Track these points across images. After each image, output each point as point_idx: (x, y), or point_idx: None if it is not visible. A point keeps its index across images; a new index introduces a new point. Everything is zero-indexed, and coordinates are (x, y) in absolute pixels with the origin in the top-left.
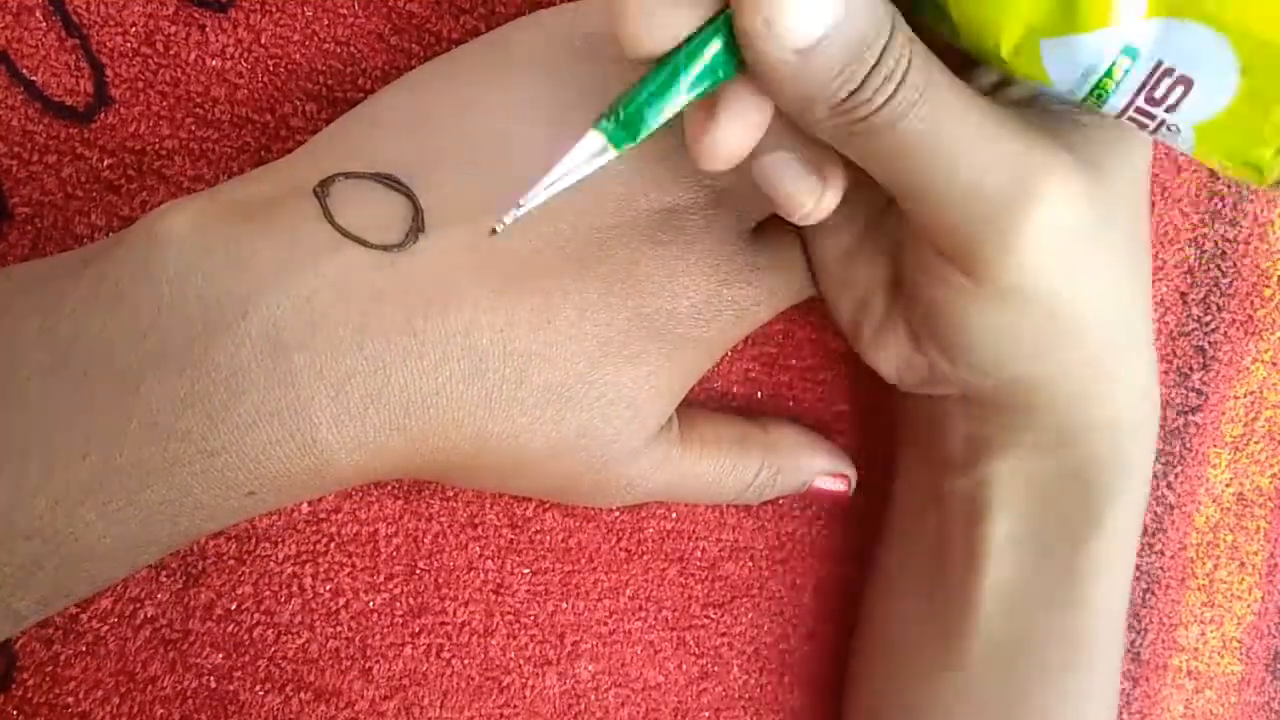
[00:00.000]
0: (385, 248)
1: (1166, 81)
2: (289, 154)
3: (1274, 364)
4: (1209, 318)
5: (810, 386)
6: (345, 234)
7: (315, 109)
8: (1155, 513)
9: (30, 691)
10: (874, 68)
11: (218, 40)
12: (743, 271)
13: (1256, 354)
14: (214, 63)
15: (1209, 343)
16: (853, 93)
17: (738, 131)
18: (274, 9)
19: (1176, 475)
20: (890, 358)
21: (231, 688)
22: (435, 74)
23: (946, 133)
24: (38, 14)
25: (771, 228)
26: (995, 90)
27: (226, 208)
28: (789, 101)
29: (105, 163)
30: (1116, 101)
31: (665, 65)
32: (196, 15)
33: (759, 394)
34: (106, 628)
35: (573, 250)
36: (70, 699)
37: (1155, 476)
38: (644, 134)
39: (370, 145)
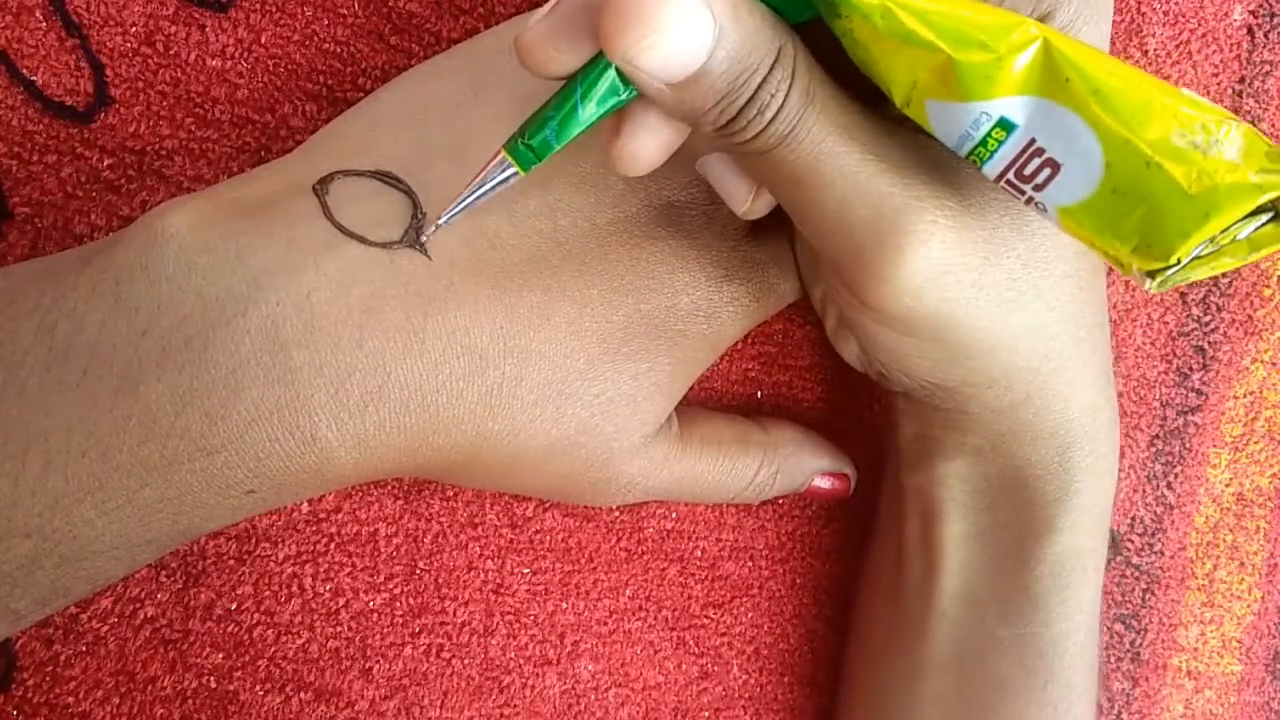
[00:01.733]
0: (385, 245)
1: (1036, 161)
2: (288, 153)
3: (1274, 364)
4: (1208, 318)
5: (810, 386)
6: (345, 231)
7: (315, 109)
8: (1155, 513)
9: (30, 691)
10: (749, 100)
11: (218, 40)
12: (742, 268)
13: (1256, 354)
14: (214, 63)
15: (1209, 343)
16: (729, 120)
17: (645, 142)
18: (274, 9)
19: (1176, 475)
20: (849, 351)
21: (231, 688)
22: (433, 72)
23: (824, 165)
24: (38, 14)
25: (771, 226)
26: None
27: (226, 206)
28: (680, 118)
29: (105, 163)
30: (990, 169)
31: (566, 91)
32: (196, 15)
33: (759, 394)
34: (106, 628)
35: (572, 247)
36: (70, 699)
37: (1155, 477)
38: (549, 154)
39: (369, 143)
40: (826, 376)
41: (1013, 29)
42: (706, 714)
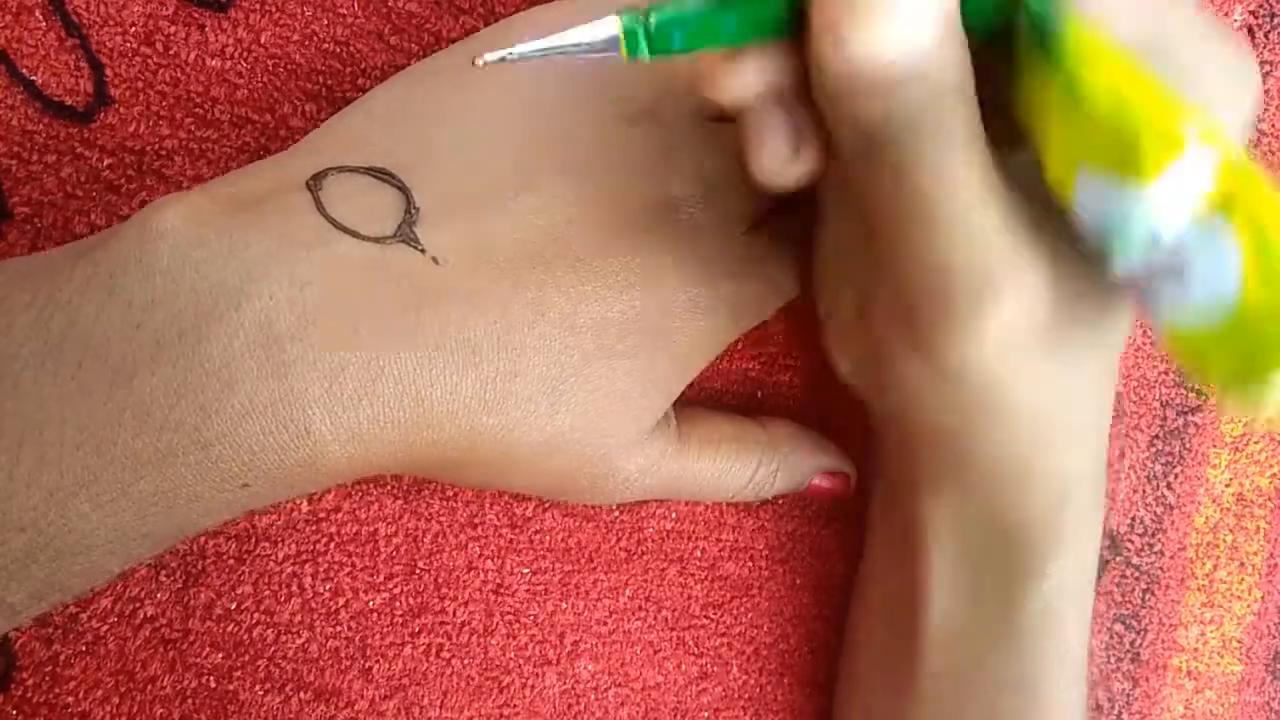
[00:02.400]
0: (378, 240)
1: (1172, 271)
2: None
3: None
4: None
5: (810, 386)
6: (338, 226)
7: (315, 109)
8: (1155, 513)
9: (30, 691)
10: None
11: (217, 40)
12: (740, 266)
13: None
14: (214, 63)
15: None
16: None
17: (752, 80)
18: (274, 9)
19: (1176, 475)
20: (844, 362)
21: (231, 687)
22: (430, 70)
23: (947, 202)
24: (38, 14)
25: (771, 223)
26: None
27: (220, 201)
28: (823, 95)
29: (105, 162)
30: (1118, 264)
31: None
32: (196, 15)
33: (758, 394)
34: (106, 627)
35: (568, 243)
36: (70, 699)
37: (1155, 477)
38: (662, 51)
39: (364, 140)
40: (827, 377)
41: (1213, 135)
42: (706, 714)
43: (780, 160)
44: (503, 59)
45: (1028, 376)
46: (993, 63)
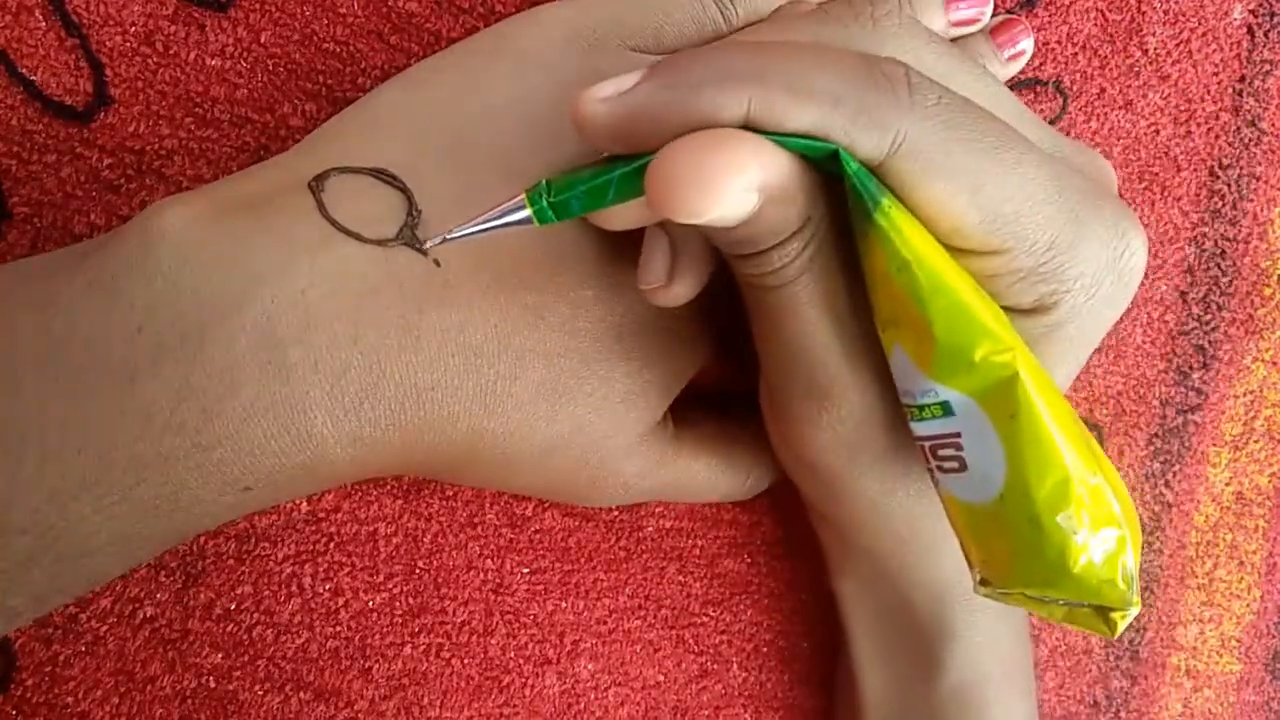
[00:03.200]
0: (380, 242)
1: (952, 451)
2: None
3: (1274, 363)
4: (1209, 316)
5: None
6: (340, 228)
7: (315, 109)
8: (1154, 511)
9: (30, 691)
10: (762, 253)
11: (217, 40)
12: None
13: (1257, 353)
14: (214, 62)
15: (1209, 342)
16: (739, 255)
17: (628, 219)
18: (274, 9)
19: (1175, 474)
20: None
21: (231, 688)
22: (431, 71)
23: (795, 319)
24: (37, 14)
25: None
26: None
27: (221, 203)
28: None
29: (105, 162)
30: (915, 429)
31: (603, 171)
32: (196, 15)
33: (756, 392)
34: (106, 627)
35: (568, 246)
36: (70, 699)
37: (1154, 475)
38: (565, 218)
39: (366, 141)
40: None
41: (998, 347)
42: (706, 712)
43: (653, 282)
44: (444, 240)
45: (871, 475)
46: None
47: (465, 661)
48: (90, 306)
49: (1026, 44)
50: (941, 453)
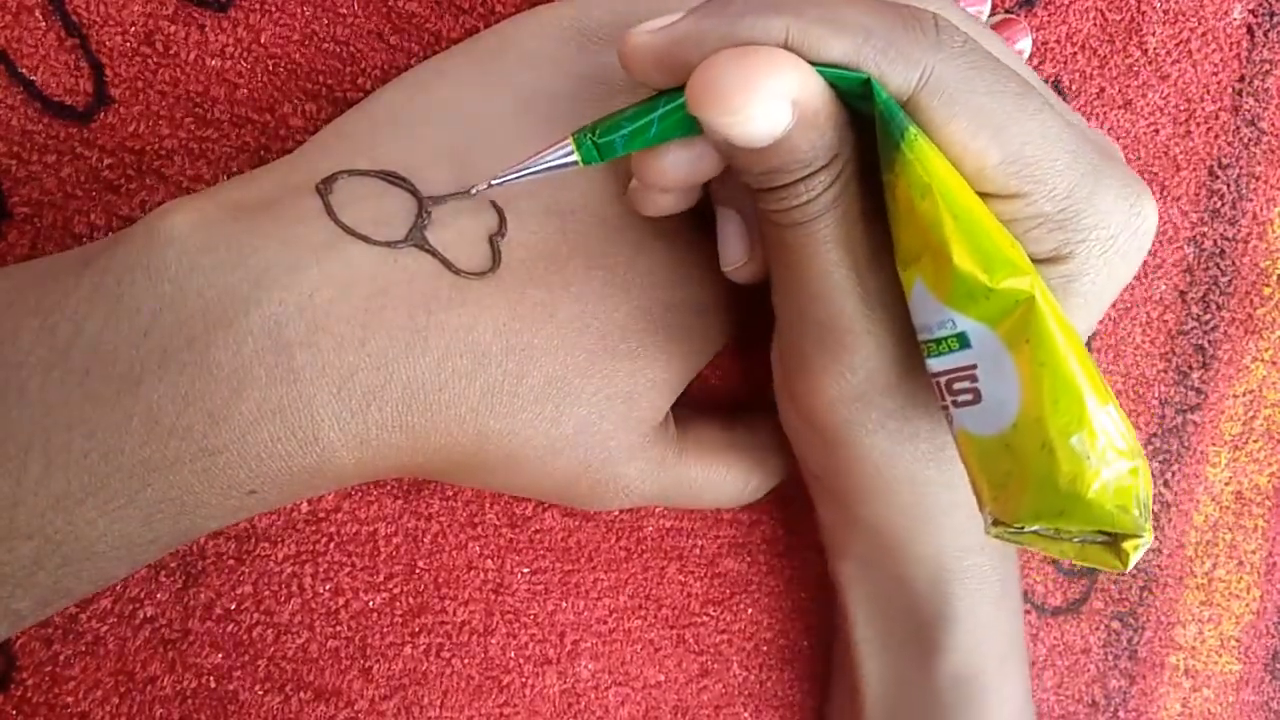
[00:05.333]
0: (388, 244)
1: (966, 384)
2: (289, 153)
3: (1273, 363)
4: (1208, 316)
5: None
6: (348, 231)
7: (315, 109)
8: (1153, 511)
9: (30, 691)
10: (788, 184)
11: (217, 40)
12: None
13: (1256, 353)
14: (214, 63)
15: (1208, 341)
16: (767, 188)
17: (681, 167)
18: (274, 9)
19: (1175, 474)
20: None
21: (231, 687)
22: (435, 72)
23: (815, 263)
24: (37, 14)
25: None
26: None
27: (227, 206)
28: (726, 159)
29: (105, 162)
30: (932, 365)
31: (646, 106)
32: (196, 15)
33: (756, 392)
34: (106, 628)
35: (575, 245)
36: (70, 699)
37: (1154, 475)
38: (611, 157)
39: (371, 143)
40: None
41: (1015, 273)
42: (707, 711)
43: (740, 258)
44: (490, 185)
45: (873, 440)
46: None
47: (465, 661)
48: (95, 310)
49: (1025, 43)
50: (957, 385)
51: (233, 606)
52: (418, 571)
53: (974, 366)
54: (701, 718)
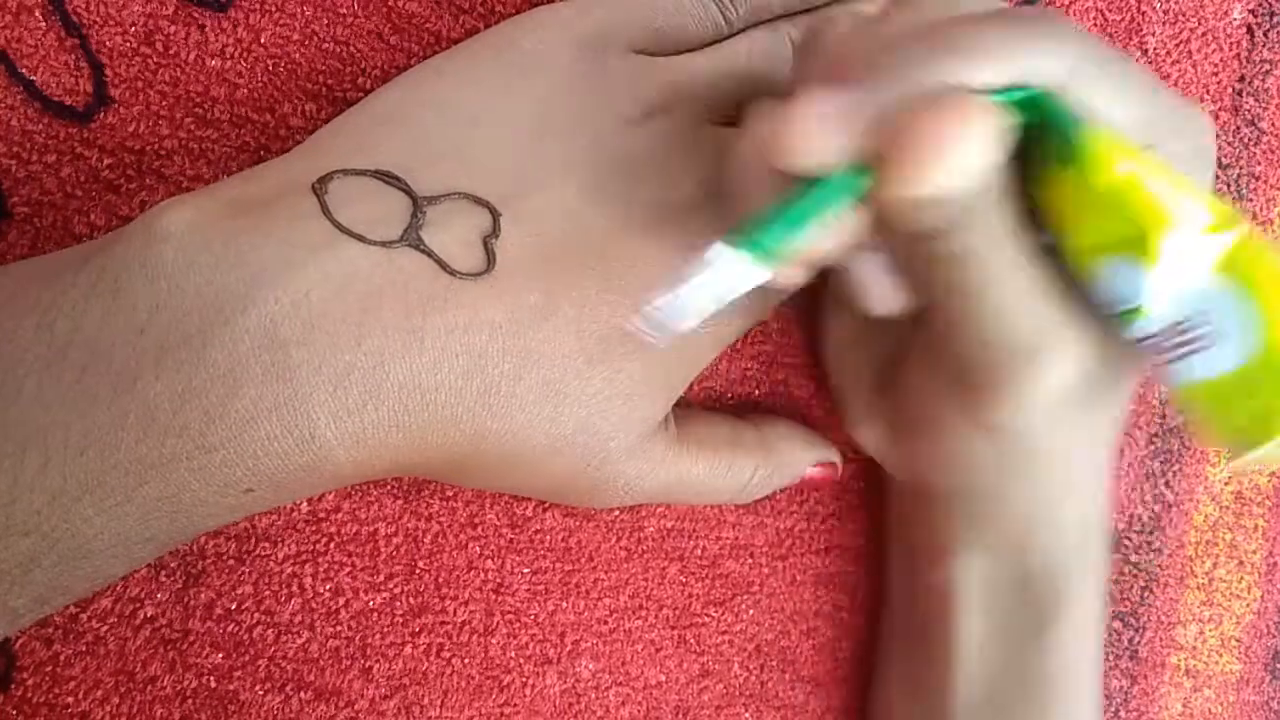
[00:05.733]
0: (384, 244)
1: (1191, 333)
2: (287, 153)
3: None
4: None
5: (806, 384)
6: (344, 230)
7: (315, 109)
8: (1154, 511)
9: (30, 691)
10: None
11: (217, 40)
12: None
13: None
14: (214, 63)
15: None
16: (929, 236)
17: (830, 243)
18: (274, 9)
19: (1175, 473)
20: (870, 439)
21: (231, 687)
22: (434, 72)
23: (993, 276)
24: (37, 14)
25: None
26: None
27: (225, 204)
28: (888, 221)
29: (105, 162)
30: (1140, 330)
31: (815, 194)
32: (196, 15)
33: (756, 392)
34: (106, 627)
35: (573, 246)
36: (70, 699)
37: (1154, 474)
38: (784, 258)
39: (369, 142)
40: (823, 374)
41: (1220, 211)
42: (708, 712)
43: (891, 297)
44: (657, 326)
45: (1064, 430)
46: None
47: (466, 661)
48: (92, 308)
49: None
50: (1178, 340)
51: (233, 606)
52: (418, 571)
53: (1189, 319)
54: (702, 718)
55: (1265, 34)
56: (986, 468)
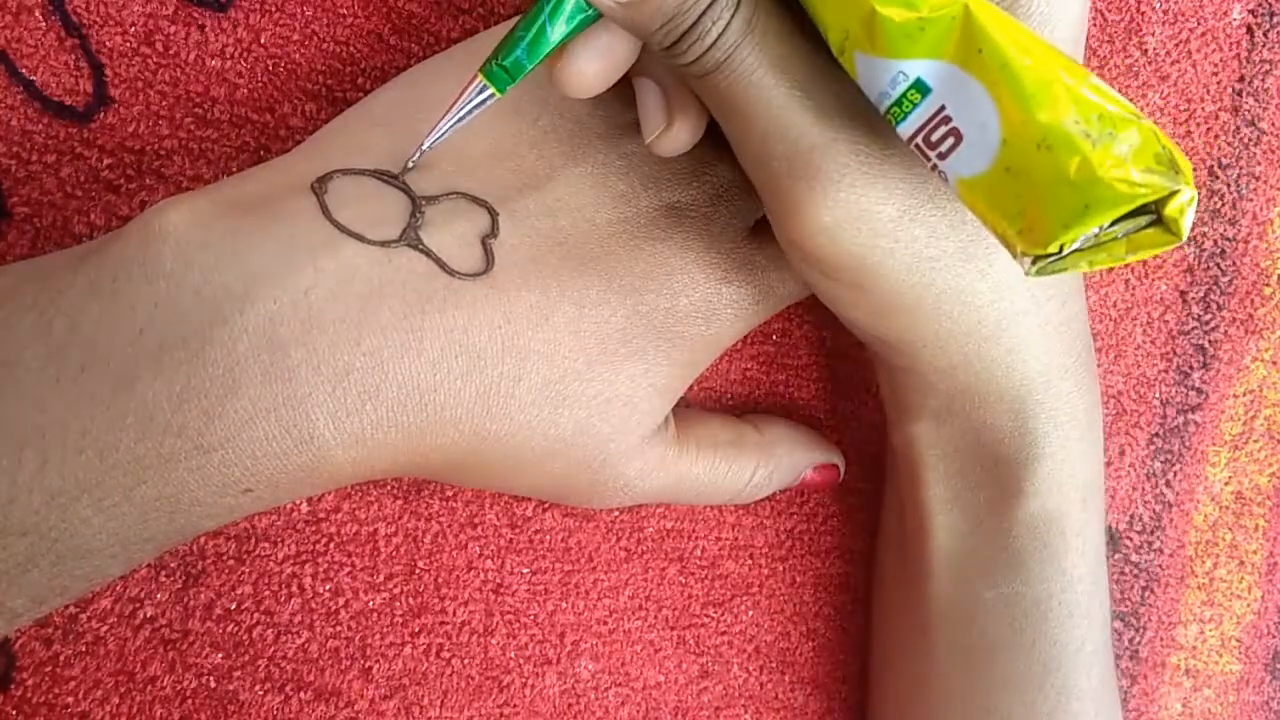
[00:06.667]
0: (383, 244)
1: (943, 129)
2: (287, 152)
3: (1274, 363)
4: (1209, 316)
5: (806, 384)
6: (343, 230)
7: (315, 109)
8: (1154, 510)
9: (30, 691)
10: (692, 25)
11: (217, 40)
12: (742, 270)
13: (1256, 353)
14: (214, 63)
15: (1209, 341)
16: (673, 42)
17: (591, 63)
18: (274, 9)
19: (1175, 473)
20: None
21: (231, 688)
22: (432, 72)
23: (752, 95)
24: (37, 14)
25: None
26: None
27: (223, 204)
28: (633, 34)
29: (104, 162)
30: (904, 130)
31: (534, 11)
32: (196, 15)
33: (756, 392)
34: (106, 628)
35: (572, 248)
36: (70, 699)
37: (1154, 474)
38: (522, 74)
39: (368, 142)
40: (824, 375)
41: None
42: (707, 713)
43: (656, 127)
44: (421, 153)
45: (895, 258)
46: None
47: (465, 661)
48: (91, 307)
49: None
50: (934, 136)
51: (233, 606)
52: (418, 572)
53: (942, 108)
54: (701, 719)
55: (1265, 34)
56: (856, 312)
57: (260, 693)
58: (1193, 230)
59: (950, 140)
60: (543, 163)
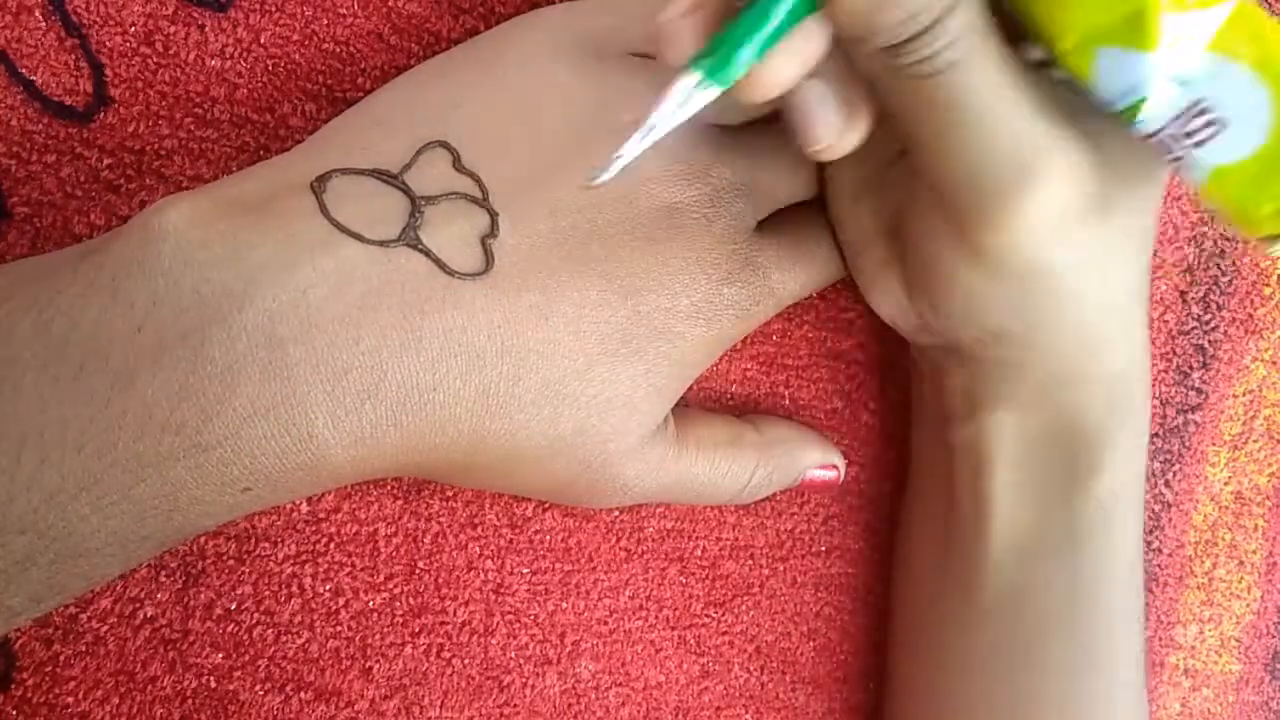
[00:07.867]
0: (382, 243)
1: (1201, 119)
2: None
3: (1273, 363)
4: (1209, 316)
5: (807, 385)
6: (342, 229)
7: (314, 109)
8: (1153, 511)
9: (30, 691)
10: (935, 20)
11: (217, 40)
12: (743, 271)
13: (1256, 353)
14: (213, 63)
15: (1209, 341)
16: (908, 40)
17: (790, 63)
18: (274, 9)
19: (1175, 473)
20: (887, 300)
21: (231, 688)
22: (433, 72)
23: (978, 97)
24: (37, 14)
25: (772, 227)
26: (1040, 67)
27: (223, 202)
28: (851, 34)
29: (104, 162)
30: (1148, 124)
31: (757, 6)
32: (196, 15)
33: (756, 392)
34: (106, 628)
35: (572, 248)
36: (70, 699)
37: (1153, 474)
38: (739, 71)
39: (368, 142)
40: (824, 375)
41: None
42: (708, 713)
43: (836, 131)
44: (618, 170)
45: (1083, 255)
46: None
47: (466, 661)
48: (91, 306)
49: None
50: (1191, 127)
51: (233, 606)
52: (418, 572)
53: (1201, 99)
54: (702, 719)
55: None
56: (1000, 310)
57: (260, 693)
58: (1192, 230)
59: (1211, 128)
60: (542, 163)
